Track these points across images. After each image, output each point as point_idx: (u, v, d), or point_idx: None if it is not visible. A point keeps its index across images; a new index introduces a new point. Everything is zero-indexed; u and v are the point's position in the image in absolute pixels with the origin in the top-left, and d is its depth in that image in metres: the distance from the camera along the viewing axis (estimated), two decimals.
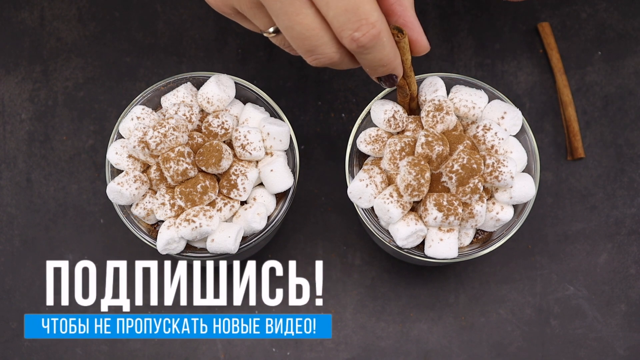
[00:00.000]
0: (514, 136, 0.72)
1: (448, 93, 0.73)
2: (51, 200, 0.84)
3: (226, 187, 0.69)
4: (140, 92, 0.74)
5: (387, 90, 0.73)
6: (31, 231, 0.84)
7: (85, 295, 0.83)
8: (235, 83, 0.73)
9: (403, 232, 0.69)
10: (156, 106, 0.74)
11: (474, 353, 0.83)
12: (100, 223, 0.84)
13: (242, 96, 0.75)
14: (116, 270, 0.83)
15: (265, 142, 0.71)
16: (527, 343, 0.83)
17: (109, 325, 0.83)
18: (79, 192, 0.84)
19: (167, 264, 0.83)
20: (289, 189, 0.72)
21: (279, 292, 0.83)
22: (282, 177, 0.70)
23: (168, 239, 0.68)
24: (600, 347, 0.83)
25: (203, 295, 0.83)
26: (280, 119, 0.73)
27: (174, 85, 0.74)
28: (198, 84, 0.74)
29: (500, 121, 0.71)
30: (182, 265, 0.84)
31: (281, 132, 0.71)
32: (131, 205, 0.71)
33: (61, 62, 0.86)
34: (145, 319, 0.83)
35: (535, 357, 0.83)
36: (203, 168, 0.68)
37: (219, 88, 0.71)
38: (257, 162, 0.71)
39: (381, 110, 0.71)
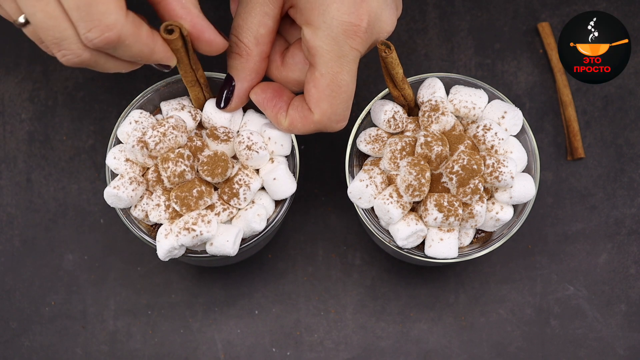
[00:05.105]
0: (514, 136, 0.72)
1: (448, 93, 0.73)
2: (51, 200, 0.84)
3: (227, 194, 0.68)
4: (140, 92, 0.74)
5: (387, 90, 0.73)
6: (31, 231, 0.84)
7: (85, 295, 0.83)
8: None
9: (403, 232, 0.69)
10: (156, 106, 0.74)
11: (474, 353, 0.83)
12: (100, 223, 0.84)
13: None
14: (116, 270, 0.83)
15: (267, 147, 0.70)
16: (527, 343, 0.83)
17: (108, 326, 0.83)
18: (79, 192, 0.84)
19: (167, 264, 0.84)
20: None
21: (279, 292, 0.84)
22: (285, 185, 0.70)
23: (169, 248, 0.67)
24: (600, 347, 0.83)
25: (203, 295, 0.83)
26: None
27: (174, 85, 0.74)
28: None
29: (500, 121, 0.71)
30: (182, 265, 0.84)
31: (282, 136, 0.70)
32: (130, 207, 0.71)
33: (61, 62, 0.86)
34: (146, 319, 0.83)
35: (535, 357, 0.83)
36: (208, 179, 0.67)
37: (229, 122, 0.71)
38: (257, 170, 0.71)
39: (381, 110, 0.71)
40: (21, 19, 0.59)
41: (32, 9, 0.57)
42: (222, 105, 0.69)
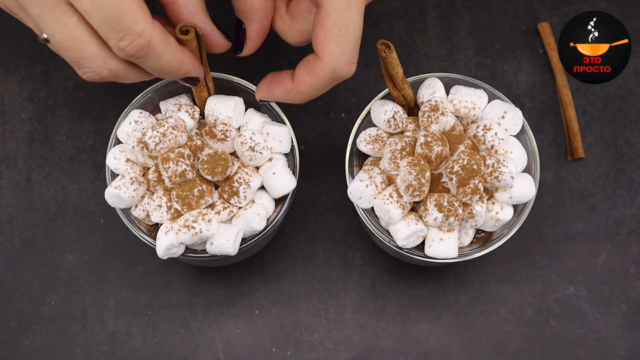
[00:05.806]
0: (514, 136, 0.72)
1: (448, 93, 0.73)
2: (51, 200, 0.84)
3: (227, 193, 0.68)
4: (141, 92, 0.74)
5: (387, 90, 0.73)
6: (31, 231, 0.84)
7: (85, 295, 0.83)
8: (236, 83, 0.73)
9: (403, 232, 0.69)
10: (156, 106, 0.74)
11: (474, 353, 0.83)
12: (100, 223, 0.84)
13: (244, 98, 0.74)
14: (116, 270, 0.83)
15: (266, 143, 0.70)
16: (527, 343, 0.83)
17: (108, 326, 0.83)
18: (79, 192, 0.84)
19: (167, 264, 0.84)
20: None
21: (279, 292, 0.84)
22: (284, 180, 0.70)
23: (168, 245, 0.67)
24: (600, 347, 0.83)
25: (203, 295, 0.83)
26: (281, 119, 0.73)
27: (174, 84, 0.74)
28: None
29: (500, 121, 0.71)
30: (182, 265, 0.84)
31: (281, 132, 0.71)
32: (131, 207, 0.71)
33: (61, 62, 0.86)
34: (146, 319, 0.83)
35: (535, 357, 0.83)
36: (209, 177, 0.67)
37: (233, 111, 0.71)
38: (257, 168, 0.71)
39: (381, 110, 0.71)
40: (44, 36, 0.61)
41: (50, 30, 0.58)
42: (238, 51, 0.69)
